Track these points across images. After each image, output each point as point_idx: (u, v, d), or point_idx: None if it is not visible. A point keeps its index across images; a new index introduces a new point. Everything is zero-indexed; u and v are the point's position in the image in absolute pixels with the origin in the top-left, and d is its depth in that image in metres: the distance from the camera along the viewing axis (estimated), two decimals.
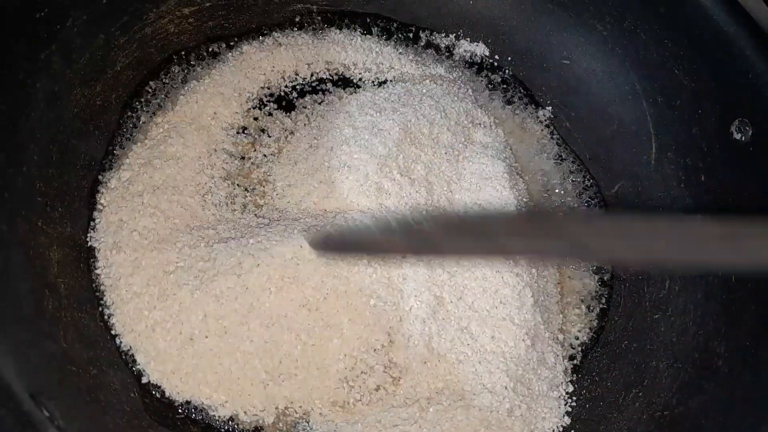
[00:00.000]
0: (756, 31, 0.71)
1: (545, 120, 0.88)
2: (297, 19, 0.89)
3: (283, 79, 0.85)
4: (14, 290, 0.61)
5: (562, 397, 0.71)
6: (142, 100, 0.79)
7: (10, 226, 0.63)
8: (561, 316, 0.75)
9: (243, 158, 0.78)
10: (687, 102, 0.76)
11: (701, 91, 0.74)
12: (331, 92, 0.85)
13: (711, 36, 0.72)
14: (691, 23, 0.74)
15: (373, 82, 0.86)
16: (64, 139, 0.71)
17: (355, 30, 0.89)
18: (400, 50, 0.88)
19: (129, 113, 0.78)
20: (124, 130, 0.77)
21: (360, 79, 0.86)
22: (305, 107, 0.83)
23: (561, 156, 0.86)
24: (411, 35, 0.91)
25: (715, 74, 0.73)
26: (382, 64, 0.87)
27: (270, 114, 0.82)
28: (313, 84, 0.85)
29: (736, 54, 0.71)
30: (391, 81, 0.86)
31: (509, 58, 0.90)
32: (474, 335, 0.69)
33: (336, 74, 0.86)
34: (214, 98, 0.80)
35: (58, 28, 0.70)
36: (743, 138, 0.70)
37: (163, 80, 0.81)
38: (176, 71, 0.82)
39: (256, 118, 0.81)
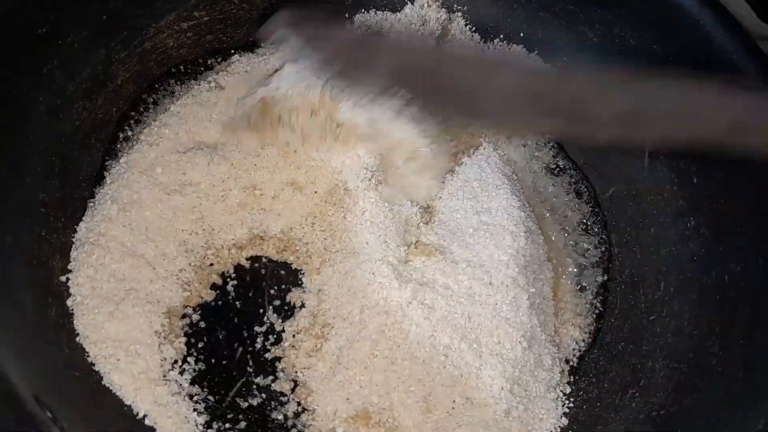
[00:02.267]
0: (742, 34, 0.72)
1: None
2: None
3: None
4: (18, 298, 0.62)
5: (559, 398, 0.72)
6: (135, 114, 0.81)
7: (13, 235, 0.65)
8: (557, 318, 0.76)
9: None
10: None
11: None
12: None
13: (698, 40, 0.74)
14: (678, 28, 0.75)
15: None
16: (66, 151, 0.73)
17: None
18: None
19: (124, 127, 0.80)
20: (117, 145, 0.79)
21: None
22: None
23: (556, 161, 0.87)
24: None
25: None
26: None
27: None
28: None
29: (723, 57, 0.72)
30: None
31: None
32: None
33: None
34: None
35: (59, 44, 0.72)
36: None
37: (161, 93, 0.83)
38: (173, 85, 0.84)
39: None
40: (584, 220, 0.84)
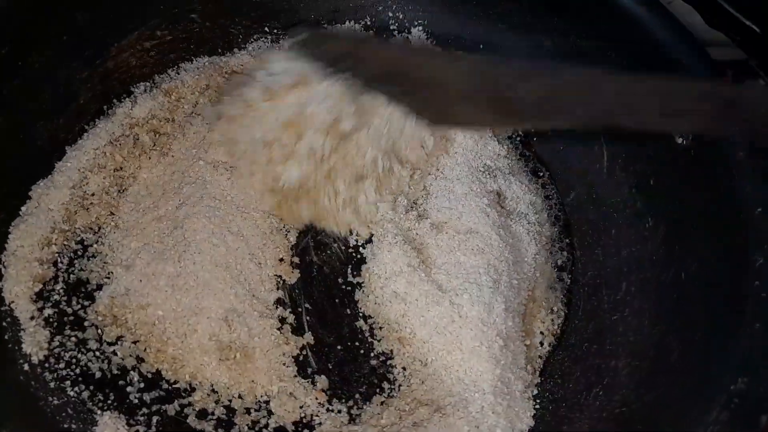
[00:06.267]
0: (690, 39, 0.74)
1: (502, 135, 0.90)
2: (260, 47, 0.92)
3: None
4: None
5: (530, 399, 0.72)
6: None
7: None
8: (525, 321, 0.77)
9: None
10: None
11: None
12: None
13: (649, 46, 0.76)
14: (630, 36, 0.78)
15: None
16: (29, 170, 0.73)
17: None
18: None
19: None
20: None
21: None
22: None
23: (519, 168, 0.88)
24: None
25: None
26: None
27: None
28: None
29: (673, 62, 0.74)
30: None
31: None
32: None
33: None
34: None
35: (20, 65, 0.72)
36: (684, 142, 0.73)
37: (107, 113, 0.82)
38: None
39: None
40: (549, 225, 0.85)
